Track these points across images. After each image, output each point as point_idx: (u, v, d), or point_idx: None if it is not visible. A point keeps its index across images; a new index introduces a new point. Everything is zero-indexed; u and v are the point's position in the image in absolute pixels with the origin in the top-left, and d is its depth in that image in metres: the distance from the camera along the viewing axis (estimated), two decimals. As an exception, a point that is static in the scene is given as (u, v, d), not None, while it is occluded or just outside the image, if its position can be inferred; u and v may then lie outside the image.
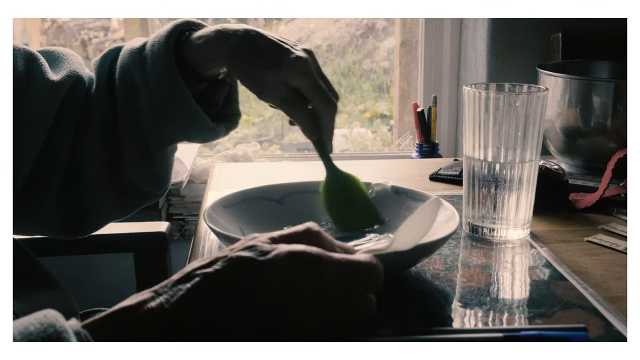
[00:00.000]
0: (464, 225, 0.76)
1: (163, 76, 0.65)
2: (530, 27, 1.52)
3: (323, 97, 0.66)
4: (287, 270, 0.42)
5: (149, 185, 0.72)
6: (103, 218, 0.74)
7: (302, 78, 0.65)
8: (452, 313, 0.57)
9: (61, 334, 0.36)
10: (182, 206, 1.60)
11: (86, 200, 0.70)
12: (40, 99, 0.65)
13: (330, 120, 0.68)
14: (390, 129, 2.04)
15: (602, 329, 0.53)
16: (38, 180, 0.67)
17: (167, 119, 0.67)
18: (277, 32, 2.10)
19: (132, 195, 0.73)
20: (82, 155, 0.69)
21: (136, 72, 0.66)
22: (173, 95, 0.65)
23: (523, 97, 0.69)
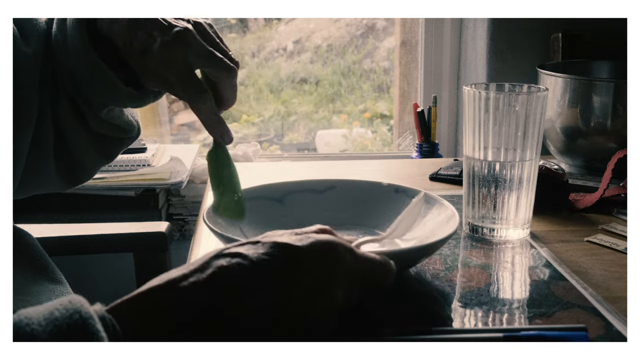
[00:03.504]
0: (464, 225, 0.76)
1: (79, 47, 0.64)
2: (530, 27, 1.52)
3: (215, 65, 0.62)
4: (326, 257, 0.46)
5: (116, 133, 0.72)
6: (91, 164, 0.74)
7: (168, 68, 0.62)
8: (452, 313, 0.57)
9: (87, 320, 0.37)
10: (182, 206, 1.60)
11: (72, 148, 0.70)
12: (24, 77, 0.64)
13: (230, 86, 0.64)
14: (390, 129, 2.04)
15: (602, 329, 0.53)
16: (38, 146, 0.67)
17: (88, 87, 0.66)
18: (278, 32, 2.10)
19: (107, 142, 0.72)
20: (60, 116, 0.68)
21: (61, 38, 0.66)
22: (88, 65, 0.64)
23: (523, 97, 0.69)
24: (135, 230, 1.01)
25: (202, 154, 1.76)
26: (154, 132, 1.85)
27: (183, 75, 0.62)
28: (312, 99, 2.06)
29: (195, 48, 0.62)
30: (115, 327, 0.38)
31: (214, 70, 0.63)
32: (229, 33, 2.03)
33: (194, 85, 0.62)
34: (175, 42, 0.61)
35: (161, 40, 0.61)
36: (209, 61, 0.62)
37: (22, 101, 0.63)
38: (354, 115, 2.09)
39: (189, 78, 0.62)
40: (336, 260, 0.46)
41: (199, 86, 0.62)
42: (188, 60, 0.62)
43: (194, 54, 0.62)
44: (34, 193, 0.73)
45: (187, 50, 0.61)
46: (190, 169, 1.57)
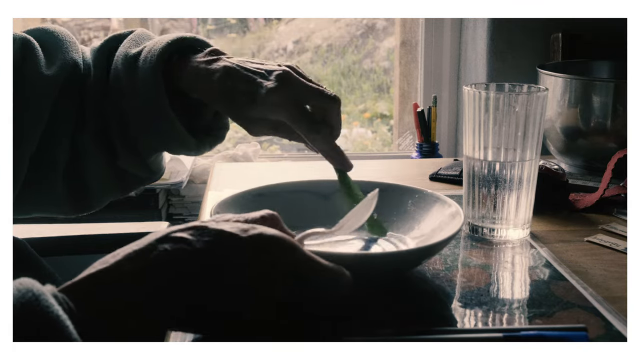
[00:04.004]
0: (464, 225, 0.76)
1: (150, 95, 0.65)
2: (530, 27, 1.52)
3: (321, 98, 0.65)
4: (269, 251, 0.45)
5: (143, 174, 0.73)
6: (105, 196, 0.74)
7: (280, 110, 0.64)
8: (452, 313, 0.57)
9: (39, 296, 0.37)
10: (182, 206, 1.60)
11: (88, 180, 0.70)
12: (34, 94, 0.64)
13: (337, 116, 0.66)
14: (390, 129, 2.04)
15: (602, 329, 0.53)
16: (43, 162, 0.67)
17: (150, 132, 0.67)
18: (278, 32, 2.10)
19: (128, 179, 0.73)
20: (82, 144, 0.69)
21: (127, 82, 0.66)
22: (158, 116, 0.65)
23: (523, 97, 0.69)
24: (135, 230, 1.01)
25: (202, 154, 1.76)
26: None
27: (295, 113, 0.64)
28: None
29: (301, 86, 0.64)
30: (68, 303, 0.39)
31: (321, 102, 0.65)
32: (229, 33, 2.03)
33: (308, 121, 0.64)
34: (281, 85, 0.63)
35: (267, 86, 0.63)
36: (316, 94, 0.65)
37: (25, 116, 0.63)
38: (354, 115, 2.09)
39: (302, 114, 0.64)
40: (276, 256, 0.46)
41: (312, 119, 0.65)
42: (296, 98, 0.64)
43: (301, 91, 0.64)
44: (35, 214, 0.73)
45: (293, 88, 0.64)
46: (190, 169, 1.57)
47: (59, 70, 0.66)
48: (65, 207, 0.72)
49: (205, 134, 0.70)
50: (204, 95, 0.65)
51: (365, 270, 0.58)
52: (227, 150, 1.74)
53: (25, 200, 0.67)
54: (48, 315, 0.37)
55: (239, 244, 0.44)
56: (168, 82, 0.65)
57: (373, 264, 0.58)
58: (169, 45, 0.65)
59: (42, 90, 0.65)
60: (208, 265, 0.43)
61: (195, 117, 0.70)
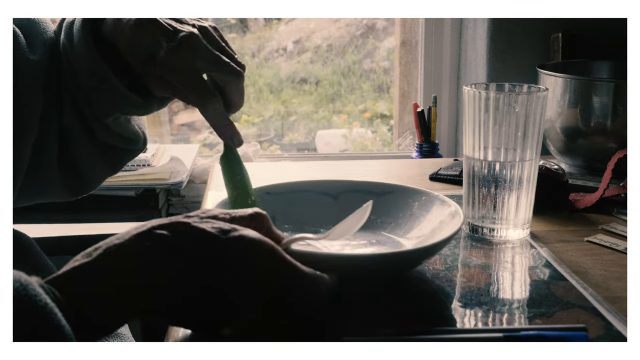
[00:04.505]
0: (464, 225, 0.76)
1: (83, 51, 0.64)
2: (530, 27, 1.52)
3: (222, 69, 0.62)
4: (248, 255, 0.45)
5: (122, 143, 0.72)
6: (97, 175, 0.74)
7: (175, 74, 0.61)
8: (452, 313, 0.57)
9: (27, 286, 0.38)
10: (182, 206, 1.60)
11: (78, 160, 0.70)
12: (25, 82, 0.64)
13: (237, 89, 0.64)
14: (390, 129, 2.04)
15: (602, 329, 0.53)
16: (40, 149, 0.67)
17: (96, 92, 0.66)
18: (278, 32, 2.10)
19: (113, 152, 0.72)
20: (66, 121, 0.68)
21: (69, 47, 0.65)
22: (94, 72, 0.64)
23: (523, 97, 0.69)
24: (135, 230, 1.00)
25: (202, 154, 1.76)
26: (154, 132, 1.85)
27: (190, 80, 0.62)
28: (312, 99, 2.06)
29: (202, 53, 0.62)
30: (55, 293, 0.40)
31: (221, 75, 0.63)
32: (229, 33, 2.03)
33: (202, 90, 0.62)
34: (181, 48, 0.61)
35: (167, 46, 0.61)
36: (216, 66, 0.62)
37: (23, 106, 0.63)
38: (354, 115, 2.09)
39: (197, 83, 0.62)
40: (254, 260, 0.45)
41: (207, 90, 0.62)
42: (195, 65, 0.61)
43: (201, 59, 0.62)
44: (37, 201, 0.73)
45: (194, 55, 0.61)
46: (190, 169, 1.57)
47: (42, 53, 0.66)
48: (63, 191, 0.72)
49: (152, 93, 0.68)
50: (119, 44, 0.64)
51: (365, 271, 0.58)
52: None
53: (26, 188, 0.67)
54: (36, 304, 0.37)
55: (217, 246, 0.45)
56: (99, 38, 0.64)
57: (373, 265, 0.58)
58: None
59: (31, 76, 0.64)
60: (185, 264, 0.44)
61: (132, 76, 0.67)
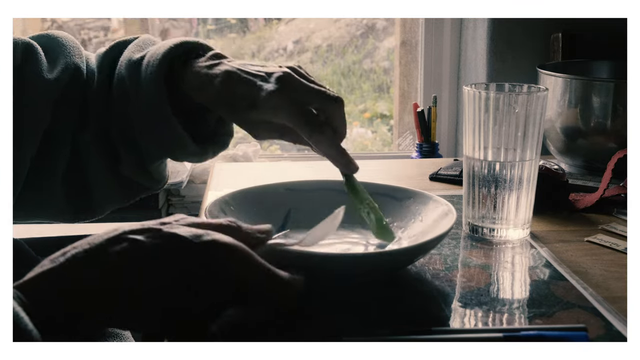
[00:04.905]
0: (464, 225, 0.76)
1: (152, 100, 0.64)
2: (530, 27, 1.52)
3: (323, 99, 0.64)
4: (221, 259, 0.44)
5: (145, 182, 0.73)
6: (107, 203, 0.74)
7: (281, 113, 0.62)
8: (452, 313, 0.57)
9: None
10: (182, 206, 1.60)
11: (90, 185, 0.70)
12: (34, 98, 0.64)
13: (340, 117, 0.65)
14: (390, 129, 2.04)
15: (602, 329, 0.53)
16: (43, 165, 0.67)
17: (153, 137, 0.67)
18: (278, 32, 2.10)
19: (131, 186, 0.73)
20: (83, 147, 0.69)
21: (131, 86, 0.66)
22: (160, 121, 0.65)
23: (523, 97, 0.69)
24: (135, 230, 1.00)
25: (202, 154, 1.76)
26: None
27: (297, 115, 0.62)
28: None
29: (302, 87, 0.63)
30: (21, 298, 0.40)
31: (323, 104, 0.64)
32: (229, 33, 2.03)
33: (311, 122, 0.63)
34: (281, 87, 0.62)
35: (267, 89, 0.62)
36: (317, 97, 0.63)
37: (27, 120, 0.64)
38: (354, 115, 2.09)
39: (306, 117, 0.62)
40: (223, 264, 0.45)
41: (316, 121, 0.63)
42: (297, 100, 0.62)
43: (301, 93, 0.63)
44: (35, 219, 0.73)
45: (294, 90, 0.62)
46: (190, 169, 1.57)
47: (60, 74, 0.66)
48: (65, 212, 0.72)
49: (209, 141, 0.70)
50: (205, 100, 0.65)
51: (358, 270, 0.58)
52: (227, 150, 1.74)
53: (24, 204, 0.67)
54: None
55: (189, 249, 0.44)
56: (171, 88, 0.65)
57: (365, 264, 0.58)
58: (171, 49, 0.65)
59: (43, 92, 0.65)
60: (157, 268, 0.43)
61: (198, 122, 0.69)
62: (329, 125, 0.64)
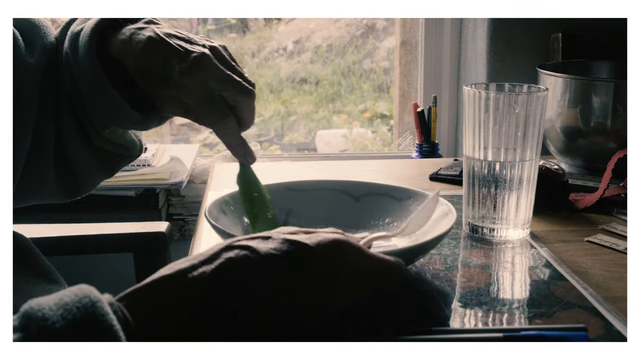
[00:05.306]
0: (464, 225, 0.76)
1: (88, 68, 0.64)
2: (530, 27, 1.52)
3: (234, 89, 0.63)
4: (333, 255, 0.45)
5: (117, 150, 0.72)
6: (92, 178, 0.74)
7: (189, 95, 0.62)
8: (452, 313, 0.57)
9: (96, 303, 0.37)
10: (182, 206, 1.60)
11: (73, 162, 0.70)
12: (22, 86, 0.64)
13: (248, 108, 0.64)
14: (390, 129, 2.04)
15: (602, 329, 0.53)
16: (36, 150, 0.67)
17: (96, 108, 0.66)
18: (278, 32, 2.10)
19: (108, 157, 0.72)
20: (62, 125, 0.68)
21: (72, 59, 0.65)
22: (97, 89, 0.64)
23: (523, 97, 0.69)
24: (135, 230, 1.01)
25: (202, 154, 1.76)
26: (154, 132, 1.85)
27: (203, 100, 0.62)
28: (312, 99, 2.06)
29: (215, 73, 0.62)
30: (124, 312, 0.39)
31: (233, 94, 0.63)
32: (229, 33, 2.03)
33: (216, 110, 0.63)
34: (194, 69, 0.61)
35: (180, 68, 0.61)
36: (228, 85, 0.63)
37: (21, 109, 0.63)
38: (354, 115, 2.09)
39: (212, 103, 0.62)
40: (343, 260, 0.46)
41: (221, 110, 0.63)
42: (208, 85, 0.62)
43: (214, 78, 0.62)
44: (33, 202, 0.73)
45: (207, 75, 0.62)
46: (190, 169, 1.57)
47: (40, 57, 0.66)
48: (58, 192, 0.72)
49: (152, 108, 0.68)
50: (127, 64, 0.64)
51: None
52: (227, 151, 1.74)
53: (22, 189, 0.67)
54: (103, 324, 0.37)
55: (305, 252, 0.44)
56: (109, 57, 0.64)
57: None
58: (103, 18, 0.65)
59: (28, 80, 0.65)
60: (274, 273, 0.43)
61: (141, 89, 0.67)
62: (234, 116, 0.63)
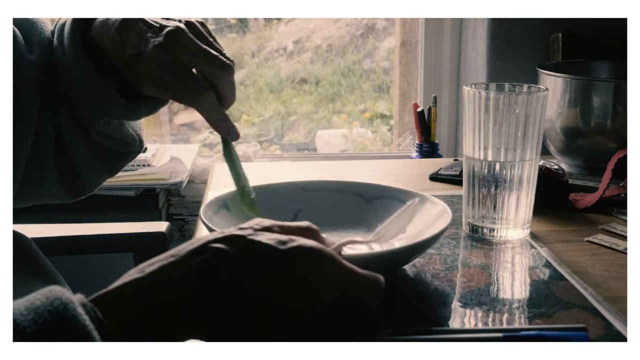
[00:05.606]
0: (464, 225, 0.76)
1: (72, 56, 0.64)
2: (530, 27, 1.52)
3: (210, 63, 0.62)
4: (309, 264, 0.44)
5: (117, 145, 0.71)
6: (94, 177, 0.74)
7: (163, 69, 0.61)
8: (452, 313, 0.57)
9: (67, 304, 0.37)
10: (182, 206, 1.60)
11: (75, 160, 0.70)
12: (22, 83, 0.64)
13: (227, 83, 0.63)
14: (390, 129, 2.04)
15: (602, 329, 0.53)
16: (37, 148, 0.67)
17: (86, 98, 0.66)
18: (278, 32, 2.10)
19: (109, 154, 0.72)
20: (61, 121, 0.68)
21: (60, 50, 0.65)
22: (84, 77, 0.64)
23: (523, 97, 0.69)
24: (135, 230, 1.01)
25: (202, 154, 1.76)
26: (154, 132, 1.85)
27: (179, 74, 0.61)
28: (312, 99, 2.06)
29: (189, 47, 0.61)
30: (96, 313, 0.39)
31: (210, 68, 0.62)
32: (229, 33, 2.03)
33: (191, 84, 0.61)
34: (167, 42, 0.60)
35: (153, 42, 0.60)
36: (203, 59, 0.61)
37: (21, 107, 0.63)
38: (354, 115, 2.09)
39: (186, 77, 0.61)
40: (315, 268, 0.45)
41: (198, 83, 0.61)
42: (182, 59, 0.61)
43: (188, 52, 0.61)
44: (35, 202, 0.73)
45: (181, 49, 0.60)
46: (190, 169, 1.57)
47: (39, 54, 0.66)
48: (60, 191, 0.72)
49: (141, 97, 0.68)
50: (106, 47, 0.63)
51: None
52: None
53: (24, 189, 0.67)
54: (75, 325, 0.37)
55: (276, 257, 0.44)
56: (94, 47, 0.64)
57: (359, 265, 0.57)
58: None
59: (28, 76, 0.64)
60: (243, 278, 0.43)
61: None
62: (211, 90, 0.62)
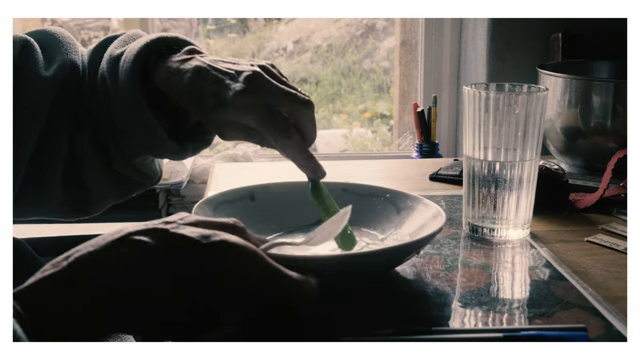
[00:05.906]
0: (464, 225, 0.76)
1: (128, 96, 0.64)
2: (530, 27, 1.52)
3: (292, 102, 0.62)
4: (230, 259, 0.44)
5: (137, 178, 0.72)
6: (104, 200, 0.74)
7: (248, 114, 0.61)
8: (452, 313, 0.57)
9: None
10: (182, 206, 1.60)
11: (88, 183, 0.70)
12: (31, 96, 0.64)
13: (310, 121, 0.63)
14: (390, 129, 2.04)
15: (602, 329, 0.53)
16: (41, 162, 0.67)
17: (132, 134, 0.66)
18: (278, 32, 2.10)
19: (126, 182, 0.72)
20: (79, 145, 0.68)
21: (111, 83, 0.65)
22: (137, 117, 0.64)
23: (523, 97, 0.69)
24: (135, 230, 1.00)
25: (202, 154, 1.76)
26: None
27: (264, 117, 0.60)
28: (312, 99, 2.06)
29: (270, 88, 0.61)
30: (16, 308, 0.39)
31: (292, 107, 0.62)
32: (229, 33, 2.03)
33: (277, 125, 0.61)
34: (249, 87, 0.60)
35: (234, 88, 0.60)
36: (285, 98, 0.61)
37: (26, 118, 0.63)
38: (354, 115, 2.09)
39: (271, 118, 0.61)
40: (235, 264, 0.45)
41: (284, 123, 0.61)
42: (265, 101, 0.60)
43: (271, 94, 0.61)
44: (34, 216, 0.73)
45: (262, 92, 0.60)
46: (190, 169, 1.57)
47: (57, 71, 0.66)
48: (64, 210, 0.72)
49: (189, 139, 0.68)
50: (176, 96, 0.63)
51: (344, 271, 0.57)
52: (227, 150, 1.74)
53: (24, 201, 0.67)
54: None
55: (197, 250, 0.44)
56: (149, 84, 0.64)
57: (350, 265, 0.56)
58: (147, 44, 0.64)
59: (40, 90, 0.65)
60: (164, 270, 0.43)
61: (179, 120, 0.68)
62: (297, 129, 0.62)
